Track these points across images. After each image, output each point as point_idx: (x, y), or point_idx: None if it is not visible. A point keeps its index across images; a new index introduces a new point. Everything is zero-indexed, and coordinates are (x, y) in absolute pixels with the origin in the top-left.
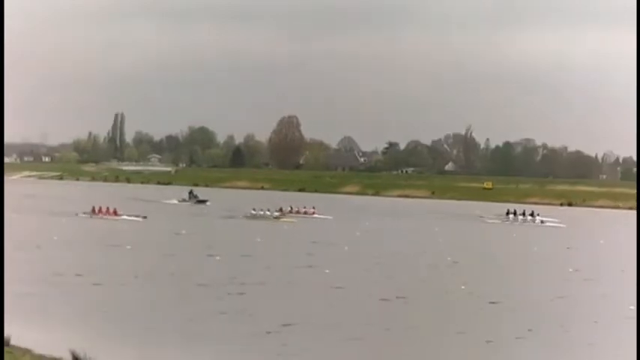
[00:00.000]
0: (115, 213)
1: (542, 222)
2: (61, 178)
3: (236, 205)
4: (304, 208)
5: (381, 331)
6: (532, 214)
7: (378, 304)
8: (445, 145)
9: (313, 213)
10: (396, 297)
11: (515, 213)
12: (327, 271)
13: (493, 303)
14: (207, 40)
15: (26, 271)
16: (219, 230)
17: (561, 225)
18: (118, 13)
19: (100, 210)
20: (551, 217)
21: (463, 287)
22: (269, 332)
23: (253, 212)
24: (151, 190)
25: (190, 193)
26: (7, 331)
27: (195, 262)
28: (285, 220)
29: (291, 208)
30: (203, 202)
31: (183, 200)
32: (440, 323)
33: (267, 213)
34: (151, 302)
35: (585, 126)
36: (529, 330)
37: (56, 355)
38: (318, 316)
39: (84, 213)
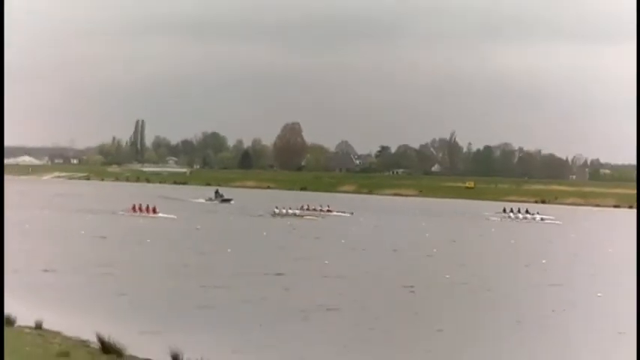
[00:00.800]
0: (154, 211)
1: (542, 219)
2: (87, 178)
3: (255, 203)
4: (320, 206)
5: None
6: (527, 211)
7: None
8: (431, 149)
9: (330, 211)
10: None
11: (512, 210)
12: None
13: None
14: (218, 55)
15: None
16: (259, 227)
17: (558, 222)
18: (138, 29)
19: (139, 208)
20: (547, 214)
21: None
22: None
23: (276, 210)
24: (173, 189)
25: (216, 192)
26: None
27: (278, 254)
28: (308, 217)
29: (308, 206)
30: (228, 200)
31: (210, 199)
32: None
33: (290, 211)
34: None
35: (557, 131)
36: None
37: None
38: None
39: (122, 211)
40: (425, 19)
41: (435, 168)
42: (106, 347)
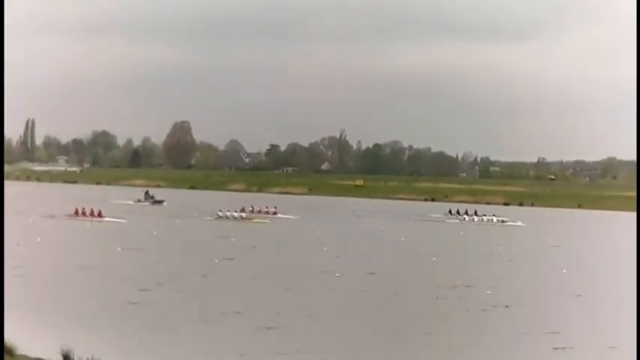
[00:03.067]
0: (100, 215)
1: (502, 222)
2: None
3: (186, 205)
4: (266, 208)
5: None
6: (476, 213)
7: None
8: (321, 147)
9: (275, 213)
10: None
11: (467, 213)
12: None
13: None
14: (111, 54)
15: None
16: (220, 232)
17: (520, 224)
18: (30, 28)
19: (82, 212)
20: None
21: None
22: None
23: (220, 213)
24: (84, 189)
25: (146, 193)
26: None
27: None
28: (257, 220)
29: (252, 208)
30: (160, 202)
31: (139, 201)
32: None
33: (236, 214)
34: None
35: (447, 129)
36: None
37: None
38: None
39: (66, 215)
40: (319, 17)
41: (325, 166)
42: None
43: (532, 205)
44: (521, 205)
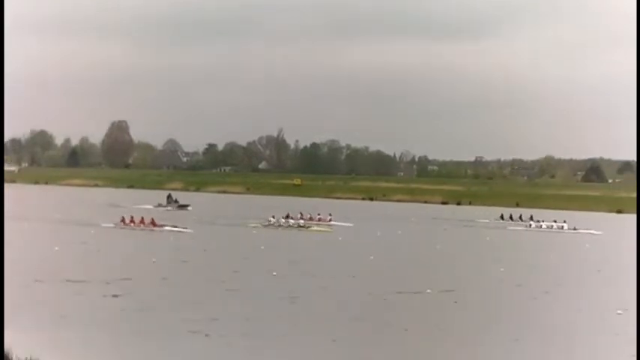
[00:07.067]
0: (154, 224)
1: (574, 229)
2: None
3: (214, 210)
4: (319, 214)
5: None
6: (532, 218)
7: None
8: (259, 146)
9: (331, 220)
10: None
11: (511, 217)
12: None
13: None
14: (58, 52)
15: None
16: (302, 241)
17: (595, 232)
18: None
19: (131, 220)
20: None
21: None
22: None
23: (272, 220)
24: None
25: (169, 197)
26: None
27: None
28: (316, 229)
29: (302, 214)
30: (185, 207)
31: (160, 205)
32: None
33: (292, 221)
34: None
35: (385, 128)
36: None
37: None
38: None
39: (113, 224)
40: (274, 17)
41: (263, 165)
42: None
43: (470, 204)
44: (459, 204)
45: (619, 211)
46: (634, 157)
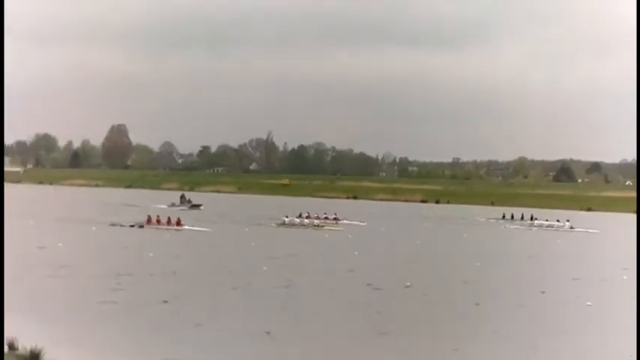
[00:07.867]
0: (178, 223)
1: (571, 228)
2: None
3: (226, 209)
4: (325, 213)
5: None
6: (532, 218)
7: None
8: (249, 148)
9: (337, 218)
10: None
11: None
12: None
13: None
14: (57, 59)
15: None
16: (319, 240)
17: (593, 230)
18: None
19: (157, 220)
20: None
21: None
22: None
23: (286, 220)
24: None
25: (182, 197)
26: None
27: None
28: (329, 228)
29: (309, 214)
30: (197, 206)
31: (173, 205)
32: None
33: (307, 221)
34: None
35: (369, 131)
36: None
37: None
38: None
39: (139, 225)
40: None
41: (253, 166)
42: None
43: (448, 202)
44: (437, 202)
45: (589, 209)
46: (602, 159)
